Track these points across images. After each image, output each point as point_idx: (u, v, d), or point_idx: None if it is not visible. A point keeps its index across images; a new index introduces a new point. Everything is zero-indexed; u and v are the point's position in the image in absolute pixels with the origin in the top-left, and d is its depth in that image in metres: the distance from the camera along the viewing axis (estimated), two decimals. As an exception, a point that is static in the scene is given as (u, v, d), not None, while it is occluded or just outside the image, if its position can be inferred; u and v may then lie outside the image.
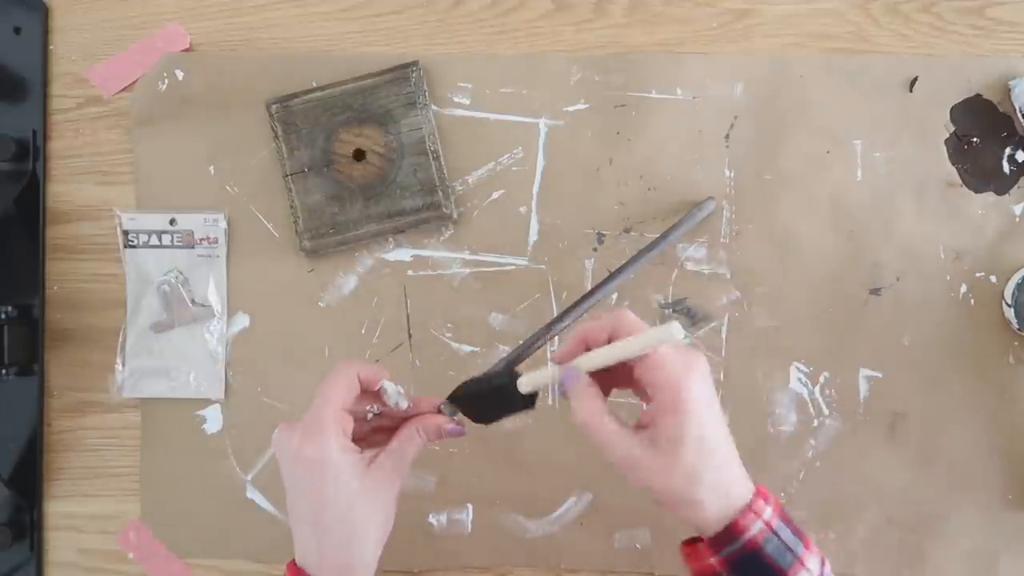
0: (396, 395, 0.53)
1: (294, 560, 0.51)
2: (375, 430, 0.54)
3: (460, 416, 0.54)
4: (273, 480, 0.69)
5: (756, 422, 0.67)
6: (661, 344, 0.47)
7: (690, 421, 0.45)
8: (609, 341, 0.49)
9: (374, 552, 0.50)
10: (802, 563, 0.45)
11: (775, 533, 0.45)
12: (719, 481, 0.46)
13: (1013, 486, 0.66)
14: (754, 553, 0.45)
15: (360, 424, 0.53)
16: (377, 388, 0.52)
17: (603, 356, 0.48)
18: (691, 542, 0.48)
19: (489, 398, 0.53)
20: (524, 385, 0.51)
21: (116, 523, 0.70)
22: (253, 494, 0.69)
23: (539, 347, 0.57)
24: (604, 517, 0.67)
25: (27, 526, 0.70)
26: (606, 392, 0.50)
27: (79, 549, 0.70)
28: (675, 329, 0.45)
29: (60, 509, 0.71)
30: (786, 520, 0.47)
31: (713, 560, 0.45)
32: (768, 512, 0.46)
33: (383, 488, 0.50)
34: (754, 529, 0.45)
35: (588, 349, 0.49)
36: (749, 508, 0.46)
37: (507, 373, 0.52)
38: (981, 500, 0.66)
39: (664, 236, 0.64)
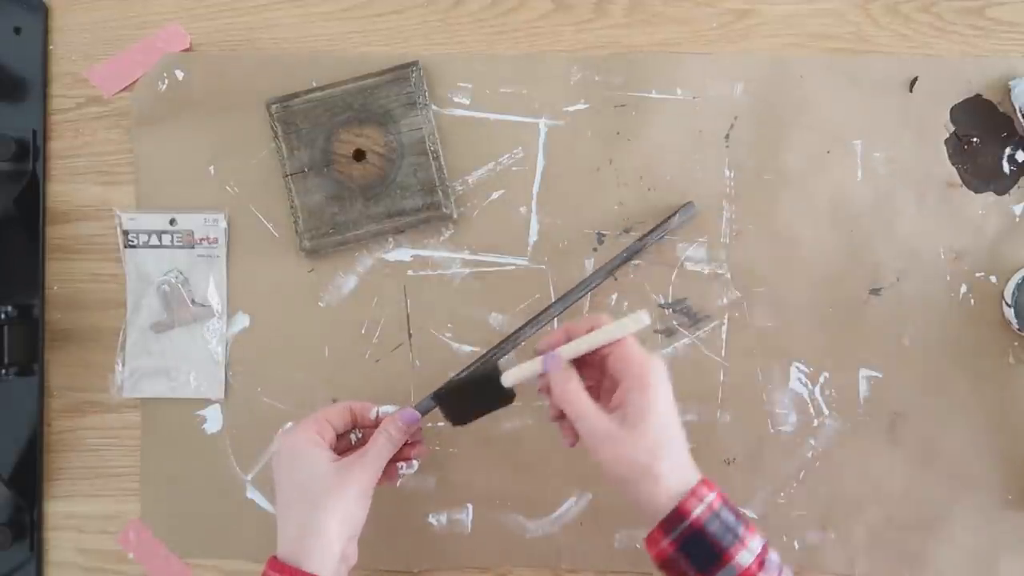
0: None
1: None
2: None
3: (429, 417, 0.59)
4: (273, 480, 0.68)
5: (756, 422, 0.67)
6: (634, 328, 0.53)
7: (656, 396, 0.51)
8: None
9: (337, 530, 0.53)
10: (743, 543, 0.49)
11: (716, 515, 0.50)
12: (674, 460, 0.51)
13: (1013, 486, 0.66)
14: (699, 531, 0.49)
15: (349, 450, 0.58)
16: (373, 417, 0.59)
17: (583, 343, 0.53)
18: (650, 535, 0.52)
19: (472, 393, 0.56)
20: (508, 378, 0.55)
21: (116, 523, 0.70)
22: (253, 494, 0.69)
23: (504, 354, 0.64)
24: (604, 517, 0.67)
25: (27, 526, 0.69)
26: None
27: (79, 549, 0.70)
28: (643, 316, 0.53)
29: (60, 509, 0.71)
30: (729, 507, 0.51)
31: (665, 543, 0.50)
32: (711, 497, 0.50)
33: (347, 480, 0.54)
34: (697, 511, 0.49)
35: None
36: (692, 493, 0.50)
37: (490, 367, 0.56)
38: (981, 500, 0.66)
39: (640, 241, 0.65)
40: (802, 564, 0.66)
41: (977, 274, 0.67)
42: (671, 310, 0.67)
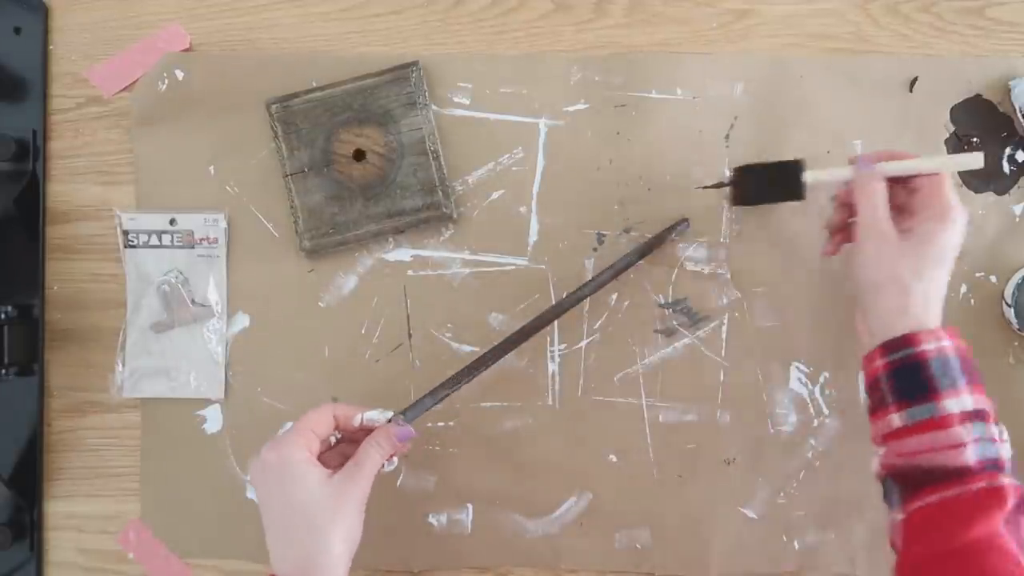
0: (380, 417, 0.58)
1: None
2: (344, 457, 0.56)
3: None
4: (273, 480, 0.69)
5: (756, 422, 0.67)
6: (967, 165, 0.55)
7: (950, 234, 0.53)
8: None
9: (339, 557, 0.52)
10: (957, 392, 0.49)
11: (944, 359, 0.50)
12: (929, 292, 0.53)
13: (1013, 486, 0.66)
14: (918, 364, 0.50)
15: (329, 453, 0.57)
16: (358, 423, 0.57)
17: (905, 164, 0.55)
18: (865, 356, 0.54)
19: (769, 177, 0.60)
20: (811, 175, 0.58)
21: (116, 523, 0.70)
22: (253, 494, 0.69)
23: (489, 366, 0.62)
24: (604, 517, 0.67)
25: (27, 526, 0.70)
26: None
27: (79, 549, 0.70)
28: (979, 156, 0.55)
29: (60, 509, 0.71)
30: (965, 360, 0.51)
31: (879, 363, 0.51)
32: (947, 342, 0.51)
33: (345, 497, 0.53)
34: (927, 346, 0.50)
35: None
36: (932, 331, 0.51)
37: (796, 162, 0.59)
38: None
39: (631, 256, 0.65)
40: (802, 564, 0.66)
41: (977, 274, 0.66)
42: (671, 310, 0.67)
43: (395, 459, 0.58)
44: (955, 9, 0.67)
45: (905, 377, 0.50)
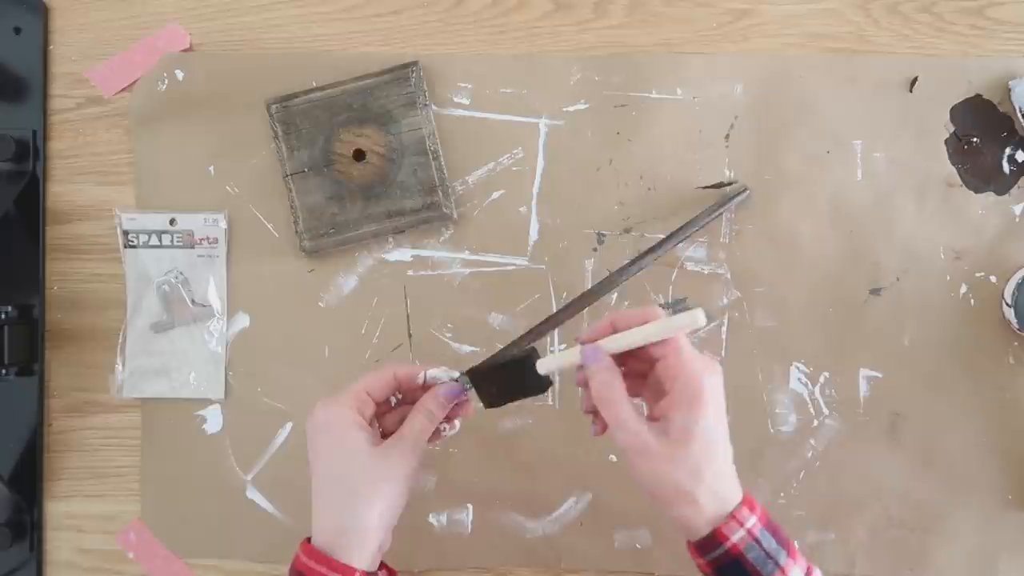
0: (444, 376, 0.55)
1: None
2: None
3: (471, 392, 0.55)
4: (273, 480, 0.69)
5: (756, 422, 0.67)
6: (687, 327, 0.48)
7: (704, 416, 0.47)
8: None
9: (377, 523, 0.50)
10: (783, 572, 0.47)
11: (756, 541, 0.47)
12: (716, 483, 0.47)
13: (1013, 486, 0.66)
14: (736, 559, 0.47)
15: (390, 416, 0.55)
16: (420, 382, 0.54)
17: (628, 338, 0.49)
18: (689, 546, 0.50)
19: (505, 376, 0.53)
20: (543, 366, 0.52)
21: (116, 523, 0.70)
22: (253, 494, 0.69)
23: (548, 331, 0.60)
24: (604, 517, 0.67)
25: (27, 526, 0.70)
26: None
27: (79, 549, 0.70)
28: (699, 315, 0.47)
29: (60, 509, 0.71)
30: (771, 529, 0.48)
31: (702, 562, 0.48)
32: (751, 521, 0.47)
33: (389, 468, 0.51)
34: (735, 537, 0.47)
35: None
36: (732, 517, 0.47)
37: (527, 351, 0.52)
38: (981, 500, 0.66)
39: (694, 221, 0.64)
40: (802, 564, 0.66)
41: (977, 274, 0.67)
42: (671, 310, 0.67)
43: (457, 423, 0.55)
44: (955, 9, 0.67)
45: (732, 574, 0.47)
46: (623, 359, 0.50)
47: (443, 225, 0.68)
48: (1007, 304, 0.64)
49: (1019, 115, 0.65)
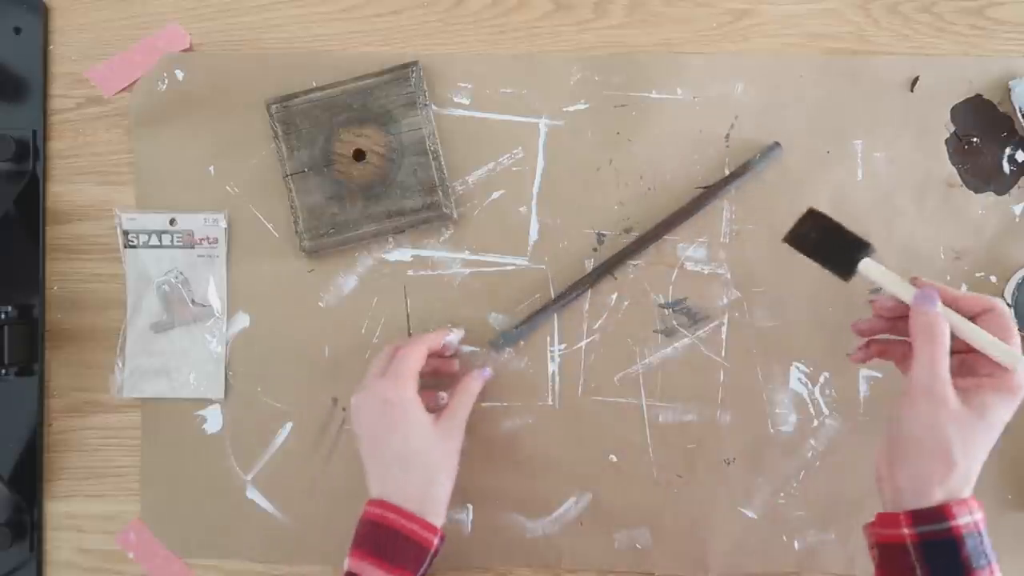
0: (456, 340, 0.66)
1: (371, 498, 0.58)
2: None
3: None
4: (273, 480, 0.69)
5: (756, 422, 0.67)
6: (1017, 363, 0.50)
7: (1009, 410, 0.49)
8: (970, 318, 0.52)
9: (448, 495, 0.59)
10: (992, 572, 0.47)
11: (979, 535, 0.47)
12: (971, 467, 0.49)
13: (1013, 486, 0.66)
14: (955, 541, 0.47)
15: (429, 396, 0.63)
16: (452, 351, 0.66)
17: (965, 328, 0.51)
18: (883, 514, 0.50)
19: (835, 236, 0.55)
20: (868, 267, 0.53)
21: (116, 523, 0.70)
22: (253, 494, 0.69)
23: (583, 292, 0.66)
24: (604, 517, 0.67)
25: (27, 526, 0.70)
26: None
27: (79, 549, 0.70)
28: None
29: (60, 509, 0.71)
30: (986, 538, 0.48)
31: (907, 531, 0.47)
32: (979, 515, 0.48)
33: (448, 440, 0.60)
34: (962, 520, 0.47)
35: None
36: (965, 502, 0.48)
37: (867, 242, 0.54)
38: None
39: (727, 180, 0.65)
40: (802, 564, 0.66)
41: (977, 274, 0.66)
42: (671, 310, 0.67)
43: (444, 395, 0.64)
44: (955, 9, 0.67)
45: (938, 554, 0.47)
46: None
47: (443, 225, 0.68)
48: (1007, 304, 0.64)
49: (1019, 115, 0.65)
